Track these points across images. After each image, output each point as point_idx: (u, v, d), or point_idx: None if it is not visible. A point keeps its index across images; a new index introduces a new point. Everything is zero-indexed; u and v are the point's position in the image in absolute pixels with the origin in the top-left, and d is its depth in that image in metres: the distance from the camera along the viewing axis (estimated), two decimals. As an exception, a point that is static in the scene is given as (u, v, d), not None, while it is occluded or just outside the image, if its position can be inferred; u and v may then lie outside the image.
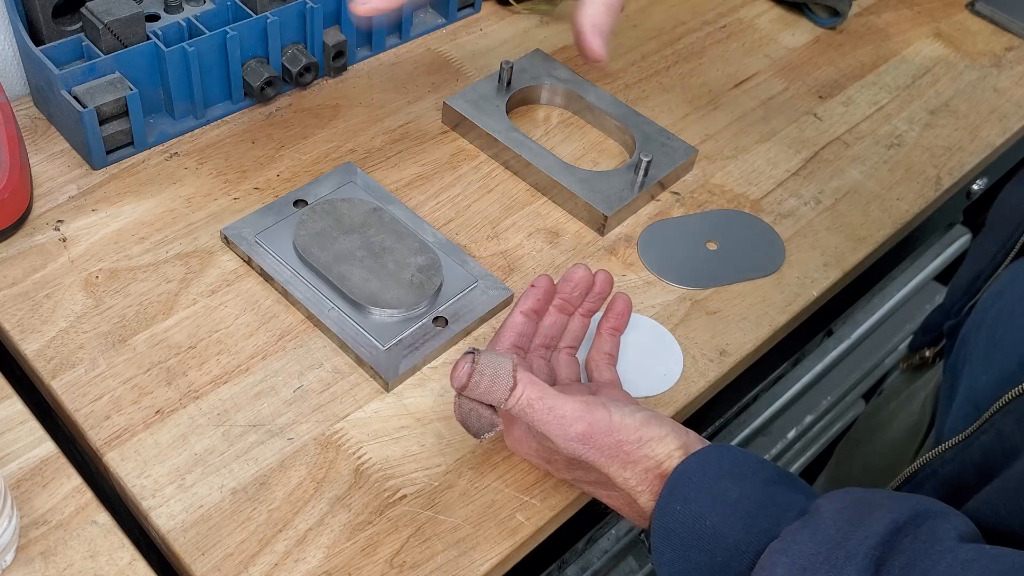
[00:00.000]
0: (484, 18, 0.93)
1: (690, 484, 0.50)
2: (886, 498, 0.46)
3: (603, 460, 0.51)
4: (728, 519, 0.48)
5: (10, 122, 0.68)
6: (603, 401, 0.52)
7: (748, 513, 0.48)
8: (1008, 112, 0.90)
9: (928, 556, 0.42)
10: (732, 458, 0.51)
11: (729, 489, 0.49)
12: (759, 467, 0.51)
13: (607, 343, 0.64)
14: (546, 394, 0.51)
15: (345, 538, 0.56)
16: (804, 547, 0.45)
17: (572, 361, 0.63)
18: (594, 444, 0.51)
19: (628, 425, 0.51)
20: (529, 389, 0.51)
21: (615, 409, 0.52)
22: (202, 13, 0.75)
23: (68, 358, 0.62)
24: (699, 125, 0.84)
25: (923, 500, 0.46)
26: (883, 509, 0.45)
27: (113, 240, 0.69)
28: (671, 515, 0.50)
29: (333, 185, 0.73)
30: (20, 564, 0.52)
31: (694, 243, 0.74)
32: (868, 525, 0.44)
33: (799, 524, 0.46)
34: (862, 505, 0.46)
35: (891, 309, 1.13)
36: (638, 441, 0.51)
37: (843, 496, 0.47)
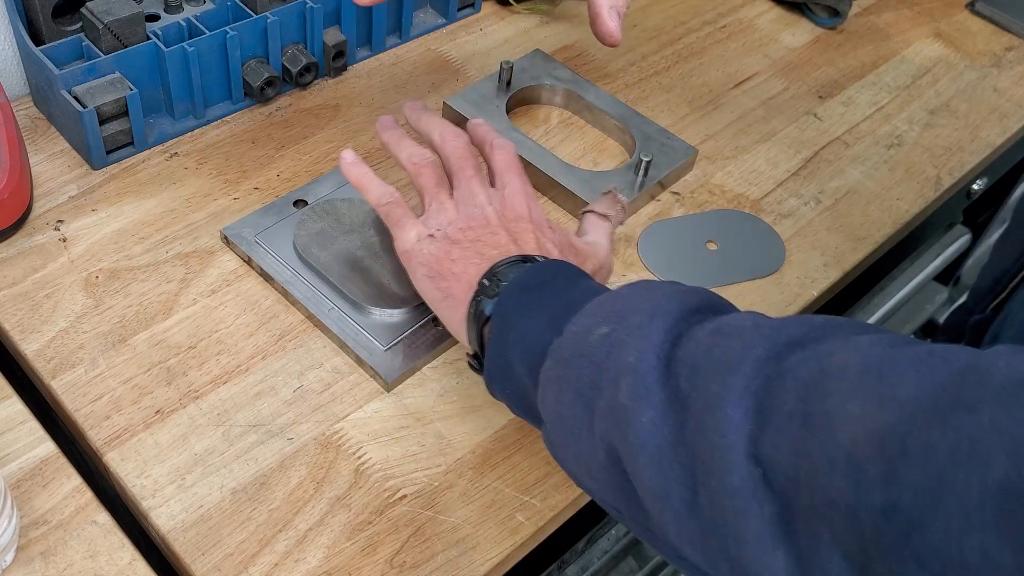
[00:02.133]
0: (484, 18, 0.93)
1: (551, 268, 0.54)
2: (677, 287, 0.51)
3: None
4: (578, 283, 0.53)
5: (10, 122, 0.68)
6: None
7: (549, 318, 0.52)
8: (1008, 112, 0.90)
9: (729, 319, 0.46)
10: (570, 267, 0.55)
11: (591, 283, 0.54)
12: (588, 280, 0.55)
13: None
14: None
15: (345, 538, 0.56)
16: (656, 285, 0.50)
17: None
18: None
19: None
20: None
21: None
22: (202, 13, 0.75)
23: (68, 358, 0.62)
24: (699, 125, 0.84)
25: (712, 294, 0.50)
26: (725, 301, 0.50)
27: (113, 240, 0.69)
28: (532, 273, 0.54)
29: (333, 185, 0.73)
30: (20, 564, 0.52)
31: (694, 243, 0.74)
32: (702, 294, 0.49)
33: (630, 283, 0.51)
34: (710, 292, 0.50)
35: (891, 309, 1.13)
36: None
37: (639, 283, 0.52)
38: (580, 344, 0.48)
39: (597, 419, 0.46)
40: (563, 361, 0.48)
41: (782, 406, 0.39)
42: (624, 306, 0.48)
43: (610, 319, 0.48)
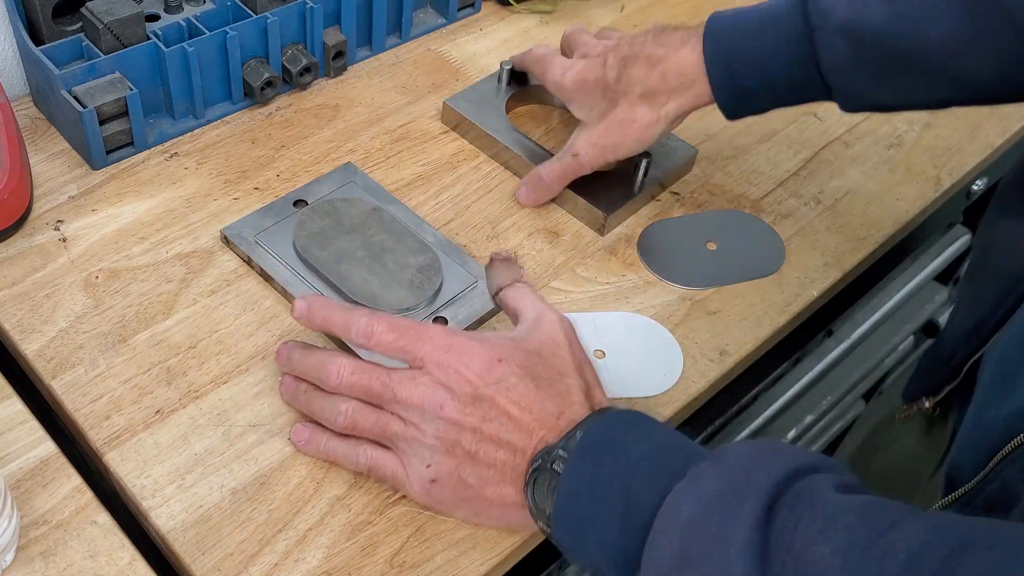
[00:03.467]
0: (484, 18, 0.93)
1: (602, 442, 0.50)
2: (787, 447, 0.48)
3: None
4: (637, 474, 0.48)
5: (10, 122, 0.68)
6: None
7: (658, 464, 0.49)
8: (1008, 112, 0.90)
9: (811, 501, 0.43)
10: (638, 418, 0.52)
11: (638, 446, 0.50)
12: (659, 425, 0.52)
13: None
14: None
15: (345, 538, 0.56)
16: (709, 484, 0.45)
17: None
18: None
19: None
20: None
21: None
22: (202, 13, 0.75)
23: (68, 358, 0.62)
24: (699, 125, 0.84)
25: (822, 456, 0.47)
26: (784, 454, 0.46)
27: (113, 240, 0.69)
28: (581, 473, 0.49)
29: (333, 185, 0.73)
30: (20, 564, 0.52)
31: (694, 243, 0.74)
32: (770, 465, 0.45)
33: (706, 465, 0.47)
34: (766, 449, 0.47)
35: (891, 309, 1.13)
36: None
37: (748, 443, 0.48)
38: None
39: None
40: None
41: None
42: (695, 551, 0.44)
43: (685, 570, 0.44)
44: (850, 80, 0.63)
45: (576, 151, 0.72)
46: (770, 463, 0.45)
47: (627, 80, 0.69)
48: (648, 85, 0.68)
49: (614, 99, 0.70)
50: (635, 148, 0.71)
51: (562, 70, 0.73)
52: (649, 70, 0.68)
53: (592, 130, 0.71)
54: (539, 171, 0.74)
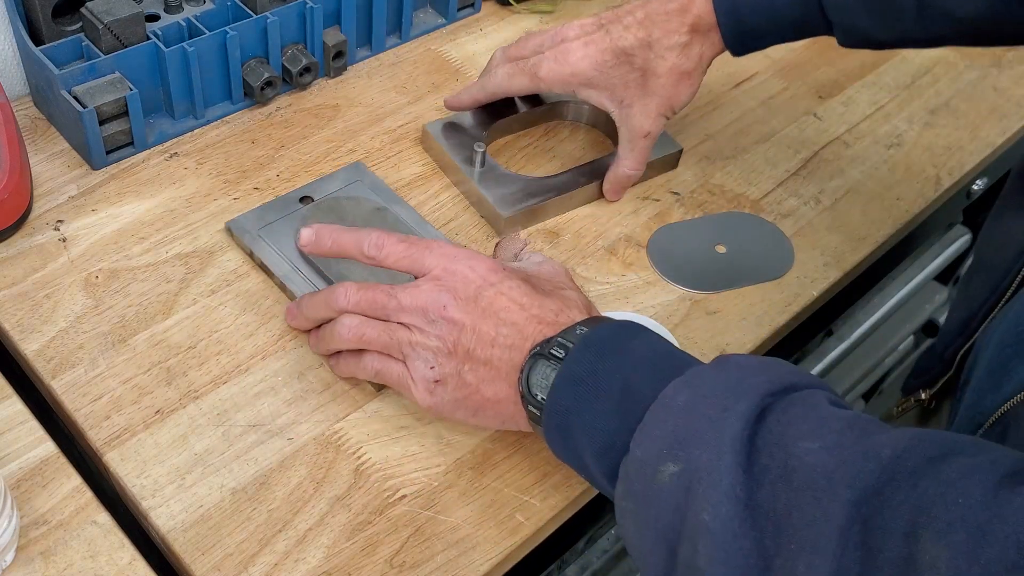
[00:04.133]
0: (484, 18, 0.93)
1: (605, 340, 0.52)
2: (792, 366, 0.49)
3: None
4: (638, 371, 0.50)
5: (10, 122, 0.68)
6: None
7: (658, 365, 0.50)
8: (1008, 112, 0.90)
9: (803, 406, 0.45)
10: (641, 327, 0.53)
11: (639, 347, 0.51)
12: (662, 338, 0.53)
13: None
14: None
15: (345, 538, 0.56)
16: (708, 382, 0.47)
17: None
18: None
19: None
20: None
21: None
22: (202, 13, 0.75)
23: (68, 358, 0.62)
24: (699, 125, 0.84)
25: (817, 378, 0.49)
26: (786, 369, 0.48)
27: (113, 240, 0.69)
28: (583, 363, 0.51)
29: (340, 183, 0.73)
30: (20, 564, 0.52)
31: (704, 247, 0.74)
32: (769, 375, 0.47)
33: (706, 367, 0.49)
34: (768, 362, 0.49)
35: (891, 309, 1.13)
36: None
37: (751, 355, 0.51)
38: (650, 482, 0.46)
39: (679, 569, 0.45)
40: (638, 497, 0.47)
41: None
42: (686, 430, 0.45)
43: (675, 450, 0.45)
44: (849, 16, 0.66)
45: (646, 131, 0.72)
46: (770, 373, 0.47)
47: (658, 39, 0.69)
48: (681, 37, 0.68)
49: (647, 63, 0.69)
50: (689, 99, 0.72)
51: (562, 64, 0.71)
52: (679, 23, 0.68)
53: (647, 101, 0.71)
54: (623, 171, 0.74)
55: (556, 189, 0.75)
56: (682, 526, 0.44)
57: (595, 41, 0.70)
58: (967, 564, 0.36)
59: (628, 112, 0.72)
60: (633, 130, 0.72)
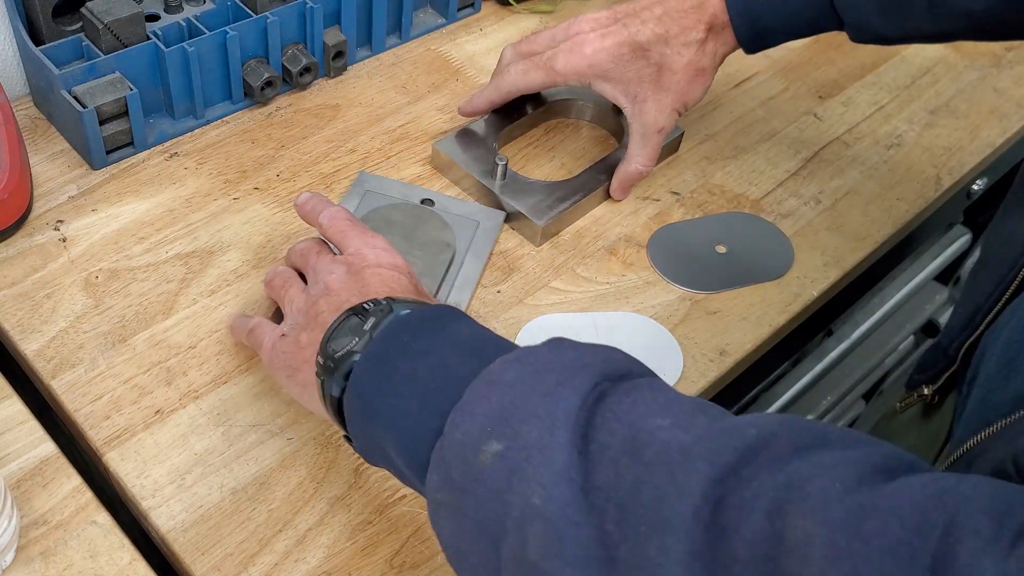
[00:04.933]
0: (484, 18, 0.93)
1: (421, 321, 0.47)
2: (627, 354, 0.44)
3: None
4: (458, 349, 0.45)
5: (10, 122, 0.68)
6: None
7: (477, 347, 0.45)
8: (1008, 112, 0.90)
9: (648, 388, 0.41)
10: (461, 313, 0.49)
11: (461, 329, 0.46)
12: (483, 326, 0.48)
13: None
14: None
15: (345, 538, 0.56)
16: (540, 358, 0.42)
17: None
18: None
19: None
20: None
21: None
22: (202, 13, 0.75)
23: (68, 358, 0.62)
24: (699, 125, 0.84)
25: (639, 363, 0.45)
26: (623, 356, 0.43)
27: (113, 240, 0.69)
28: (392, 341, 0.46)
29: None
30: (20, 564, 0.52)
31: (704, 247, 0.74)
32: (610, 357, 0.42)
33: (539, 345, 0.43)
34: (605, 347, 0.44)
35: (891, 309, 1.13)
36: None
37: (586, 342, 0.45)
38: (471, 465, 0.40)
39: (505, 567, 0.39)
40: (454, 486, 0.41)
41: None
42: (513, 405, 0.40)
43: (500, 427, 0.40)
44: (861, 13, 0.67)
45: (660, 126, 0.72)
46: (610, 358, 0.42)
47: (675, 35, 0.69)
48: (698, 34, 0.69)
49: (663, 58, 0.69)
50: (702, 96, 0.73)
51: (578, 56, 0.71)
52: (696, 20, 0.69)
53: (661, 97, 0.71)
54: (634, 168, 0.74)
55: (581, 190, 0.74)
56: (507, 514, 0.38)
57: (612, 34, 0.70)
58: (846, 539, 0.33)
59: (642, 107, 0.72)
60: (646, 125, 0.72)
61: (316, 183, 0.74)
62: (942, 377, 0.68)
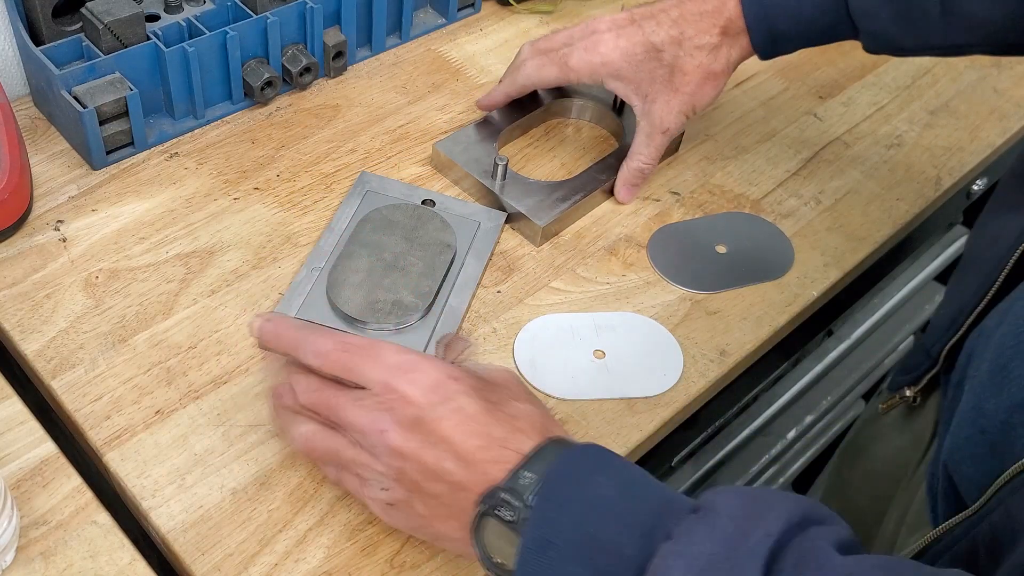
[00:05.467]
0: (484, 18, 0.93)
1: (567, 483, 0.45)
2: (778, 497, 0.44)
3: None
4: (610, 522, 0.44)
5: (10, 122, 0.68)
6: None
7: (633, 513, 0.44)
8: (1008, 112, 0.90)
9: (816, 564, 0.41)
10: (603, 454, 0.47)
11: (604, 486, 0.45)
12: (625, 463, 0.48)
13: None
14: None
15: (345, 538, 0.56)
16: (702, 547, 0.42)
17: None
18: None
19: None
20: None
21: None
22: (202, 13, 0.75)
23: (68, 358, 0.62)
24: (699, 125, 0.85)
25: (814, 504, 0.44)
26: (778, 507, 0.43)
27: (113, 240, 0.69)
28: (549, 522, 0.44)
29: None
30: (20, 564, 0.52)
31: (704, 246, 0.74)
32: (765, 523, 0.42)
33: (694, 521, 0.43)
34: (758, 502, 0.43)
35: (891, 309, 1.13)
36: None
37: (736, 492, 0.45)
38: None
39: None
40: None
41: None
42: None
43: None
44: (876, 22, 0.67)
45: (666, 127, 0.72)
46: (765, 518, 0.42)
47: (690, 37, 0.69)
48: (712, 39, 0.69)
49: (675, 59, 0.70)
50: (712, 101, 0.73)
51: (592, 54, 0.71)
52: (711, 24, 0.69)
53: (671, 98, 0.71)
54: (638, 166, 0.74)
55: (581, 190, 0.75)
56: None
57: (627, 34, 0.70)
58: None
59: (651, 107, 0.72)
60: (653, 124, 0.73)
61: (316, 183, 0.74)
62: (925, 378, 0.68)
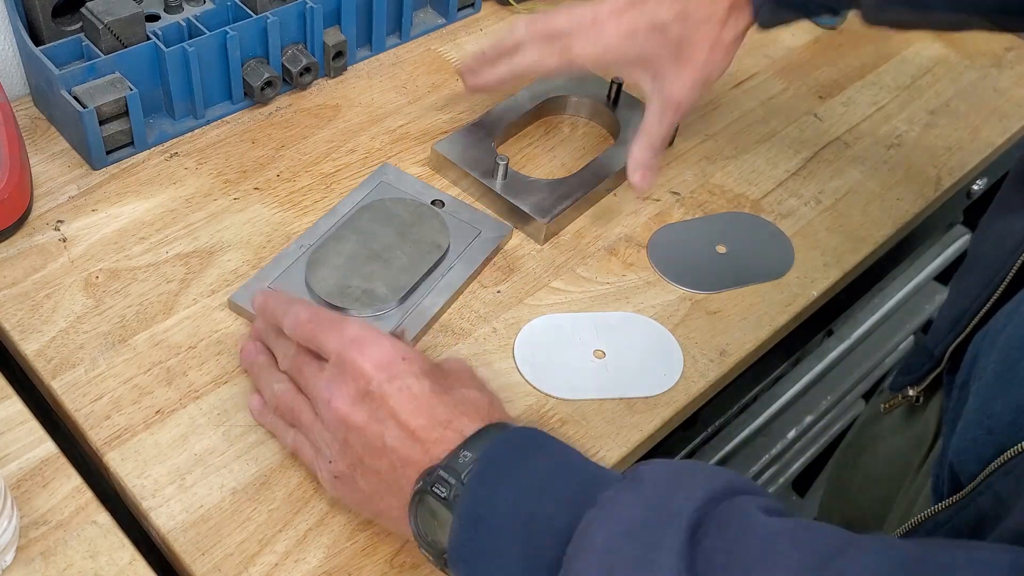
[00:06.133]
0: (484, 18, 0.93)
1: (501, 462, 0.46)
2: (704, 468, 0.45)
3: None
4: (541, 497, 0.45)
5: (10, 122, 0.68)
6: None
7: (562, 488, 0.45)
8: (1008, 112, 0.90)
9: (740, 525, 0.41)
10: (537, 435, 0.48)
11: (540, 467, 0.46)
12: (557, 443, 0.48)
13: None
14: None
15: (345, 538, 0.56)
16: (624, 511, 0.42)
17: None
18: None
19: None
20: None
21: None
22: (202, 13, 0.75)
23: (68, 358, 0.62)
24: (699, 125, 0.85)
25: (738, 476, 0.45)
26: (701, 476, 0.44)
27: (113, 240, 0.69)
28: (482, 499, 0.45)
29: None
30: (20, 564, 0.52)
31: (704, 246, 0.74)
32: (688, 489, 0.42)
33: (618, 488, 0.44)
34: (683, 472, 0.44)
35: (891, 309, 1.13)
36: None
37: (663, 463, 0.45)
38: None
39: None
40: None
41: None
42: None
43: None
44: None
45: (678, 100, 0.69)
46: (689, 485, 0.43)
47: (694, 10, 0.67)
48: (719, 10, 0.67)
49: (682, 34, 0.68)
50: (723, 72, 0.70)
51: (595, 42, 0.69)
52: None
53: (681, 71, 0.69)
54: (649, 143, 0.71)
55: (581, 187, 0.74)
56: None
57: (629, 18, 0.68)
58: None
59: (661, 84, 0.70)
60: (665, 100, 0.70)
61: (316, 183, 0.74)
62: (928, 378, 0.68)
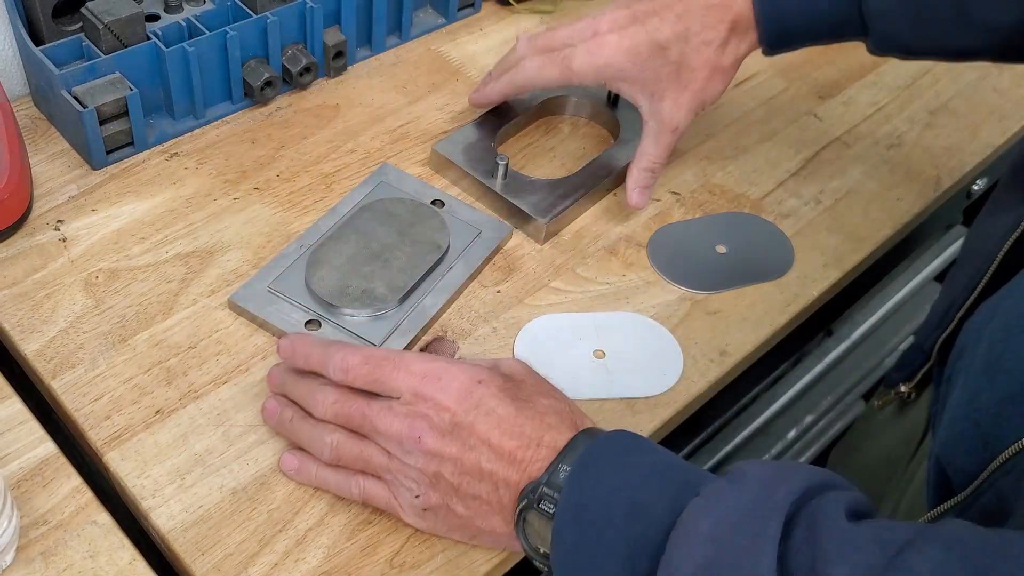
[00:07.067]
0: (484, 18, 0.93)
1: (602, 459, 0.48)
2: (803, 465, 0.47)
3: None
4: (641, 487, 0.47)
5: (10, 122, 0.68)
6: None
7: (664, 481, 0.47)
8: (1008, 112, 0.90)
9: (822, 522, 0.42)
10: (634, 437, 0.50)
11: (640, 463, 0.48)
12: (654, 445, 0.50)
13: None
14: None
15: (345, 538, 0.56)
16: (731, 501, 0.44)
17: None
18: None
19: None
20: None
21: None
22: (202, 13, 0.75)
23: (68, 358, 0.62)
24: (699, 125, 0.84)
25: (833, 474, 0.46)
26: (803, 472, 0.45)
27: (113, 240, 0.69)
28: (584, 490, 0.47)
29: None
30: (20, 564, 0.52)
31: (704, 247, 0.74)
32: (790, 483, 0.44)
33: (723, 482, 0.45)
34: (784, 468, 0.46)
35: (891, 309, 1.13)
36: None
37: (763, 462, 0.47)
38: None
39: None
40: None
41: None
42: (718, 567, 0.42)
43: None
44: (888, 22, 0.66)
45: (675, 124, 0.71)
46: (790, 481, 0.44)
47: (696, 33, 0.68)
48: (719, 34, 0.68)
49: (682, 56, 0.68)
50: (720, 96, 0.72)
51: (595, 56, 0.69)
52: (718, 20, 0.68)
53: (679, 95, 0.70)
54: (648, 166, 0.72)
55: (582, 187, 0.74)
56: None
57: (630, 34, 0.69)
58: None
59: (659, 105, 0.71)
60: (662, 123, 0.71)
61: (316, 183, 0.74)
62: (918, 374, 0.69)
